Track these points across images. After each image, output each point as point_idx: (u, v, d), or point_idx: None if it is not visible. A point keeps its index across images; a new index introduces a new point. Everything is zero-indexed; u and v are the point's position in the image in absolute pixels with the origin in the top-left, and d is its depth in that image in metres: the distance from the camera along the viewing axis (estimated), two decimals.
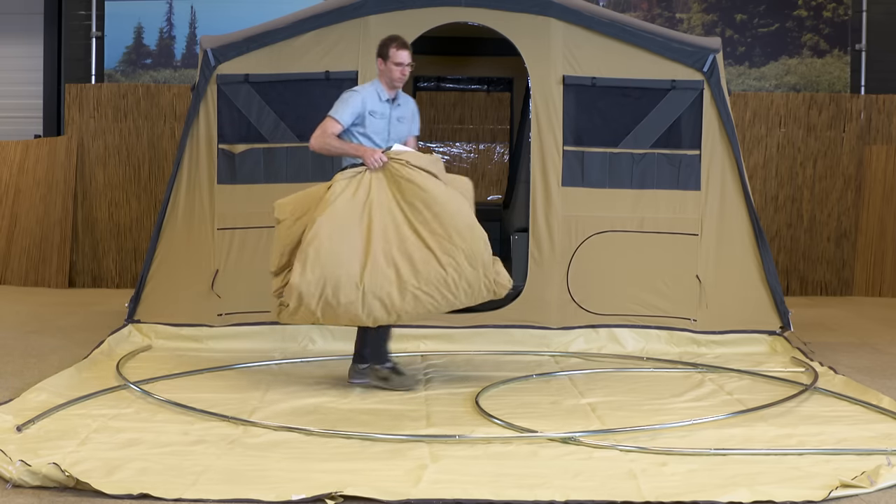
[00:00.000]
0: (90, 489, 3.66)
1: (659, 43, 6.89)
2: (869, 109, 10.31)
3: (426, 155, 5.55)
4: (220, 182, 6.88)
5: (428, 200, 5.34)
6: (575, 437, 4.50)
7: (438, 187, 5.40)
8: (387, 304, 5.30)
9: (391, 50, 5.55)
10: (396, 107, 5.70)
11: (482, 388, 5.56)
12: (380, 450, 4.33)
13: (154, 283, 6.97)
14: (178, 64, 10.70)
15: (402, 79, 5.62)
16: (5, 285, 10.28)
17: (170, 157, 10.09)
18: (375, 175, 5.42)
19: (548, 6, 6.81)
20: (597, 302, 6.87)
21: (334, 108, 5.58)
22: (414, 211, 5.35)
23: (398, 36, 5.66)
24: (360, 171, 5.44)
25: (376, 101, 5.62)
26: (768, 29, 10.59)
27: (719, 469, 4.05)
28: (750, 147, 10.21)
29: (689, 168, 6.89)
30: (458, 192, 5.56)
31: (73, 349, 6.63)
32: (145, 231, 10.15)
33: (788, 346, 6.74)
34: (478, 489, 3.74)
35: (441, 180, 5.45)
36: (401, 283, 5.28)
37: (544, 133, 6.83)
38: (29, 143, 10.51)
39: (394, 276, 5.28)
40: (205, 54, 6.89)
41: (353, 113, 5.55)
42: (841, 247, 10.30)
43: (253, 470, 3.99)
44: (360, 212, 5.35)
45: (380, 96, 5.63)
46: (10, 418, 4.64)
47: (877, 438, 4.58)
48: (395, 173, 5.40)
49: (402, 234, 5.34)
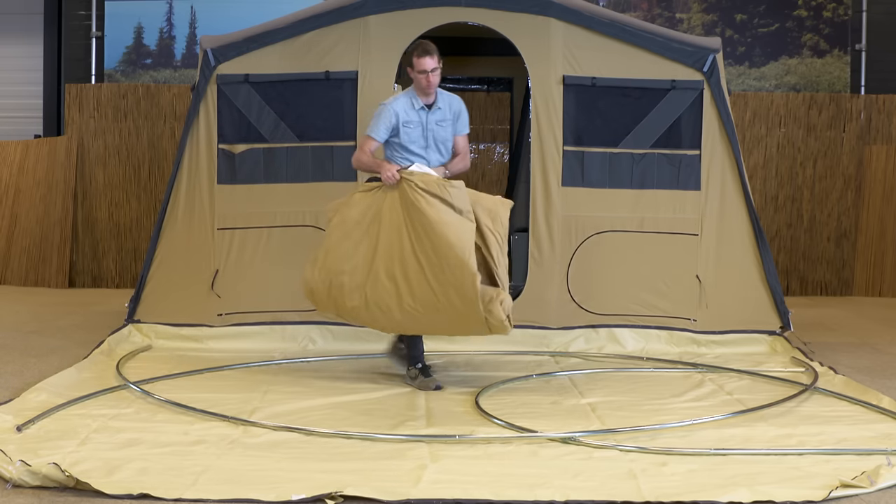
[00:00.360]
0: (90, 489, 3.66)
1: (659, 43, 6.89)
2: (869, 109, 10.31)
3: (439, 179, 5.44)
4: (220, 182, 6.88)
5: (427, 227, 5.30)
6: (575, 437, 4.50)
7: (440, 215, 5.29)
8: (388, 316, 5.40)
9: (413, 59, 5.56)
10: (435, 111, 5.69)
11: (482, 388, 5.57)
12: (380, 450, 4.33)
13: (154, 283, 6.96)
14: (178, 64, 10.70)
15: (431, 85, 5.59)
16: (5, 285, 10.28)
17: (170, 157, 10.09)
18: (391, 193, 5.44)
19: (548, 6, 6.81)
20: (597, 302, 6.87)
21: (370, 124, 5.66)
22: (416, 235, 5.35)
23: (422, 42, 5.64)
24: (378, 185, 5.53)
25: (410, 111, 5.63)
26: (768, 29, 10.59)
27: (719, 469, 4.05)
28: (750, 147, 10.21)
29: (689, 168, 6.89)
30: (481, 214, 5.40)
31: (73, 349, 6.63)
32: (145, 231, 10.15)
33: (788, 346, 6.75)
34: (478, 489, 3.74)
35: (454, 206, 5.32)
36: (399, 299, 5.34)
37: (544, 133, 6.83)
38: (29, 143, 10.52)
39: (393, 291, 5.35)
40: (205, 54, 6.89)
41: (388, 127, 5.61)
42: (841, 247, 10.30)
43: (253, 470, 3.99)
44: (369, 225, 5.45)
45: (413, 104, 5.64)
46: (10, 418, 4.64)
47: (877, 438, 4.58)
48: (404, 195, 5.40)
49: (405, 255, 5.36)
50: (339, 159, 6.74)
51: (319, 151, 6.80)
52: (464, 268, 5.19)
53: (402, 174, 5.42)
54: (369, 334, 6.71)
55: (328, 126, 6.78)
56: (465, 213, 5.33)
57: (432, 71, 5.56)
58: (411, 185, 5.36)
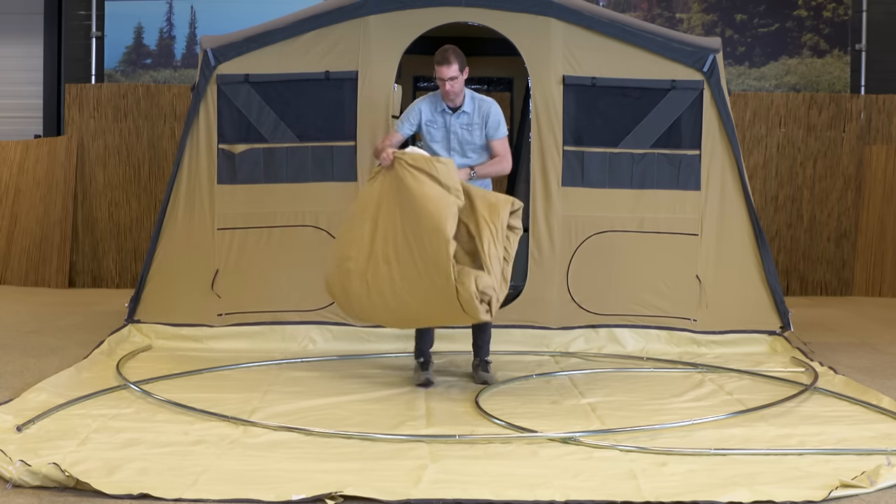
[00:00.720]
0: (90, 489, 3.66)
1: (659, 43, 6.89)
2: (869, 109, 10.31)
3: (428, 156, 5.49)
4: (220, 182, 6.88)
5: (412, 201, 5.33)
6: (575, 437, 4.50)
7: (423, 188, 5.32)
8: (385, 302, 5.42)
9: (435, 67, 5.64)
10: (460, 115, 5.77)
11: (482, 388, 5.57)
12: (380, 450, 4.33)
13: (154, 283, 6.96)
14: (178, 64, 10.70)
15: (450, 92, 5.67)
16: (5, 285, 10.28)
17: (170, 157, 10.10)
18: (388, 176, 5.51)
19: (548, 6, 6.80)
20: (597, 302, 6.87)
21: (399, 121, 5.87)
22: (404, 213, 5.39)
23: (442, 50, 5.66)
24: (378, 169, 5.66)
25: (433, 112, 5.79)
26: (768, 29, 10.60)
27: (719, 469, 4.05)
28: (750, 147, 10.21)
29: (688, 168, 6.89)
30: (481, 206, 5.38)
31: (73, 349, 6.63)
32: (145, 231, 10.16)
33: (788, 346, 6.75)
34: (478, 489, 3.74)
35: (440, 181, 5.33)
36: (392, 283, 5.37)
37: (544, 133, 6.83)
38: (29, 143, 10.52)
39: (387, 275, 5.38)
40: (205, 54, 6.89)
41: (412, 124, 5.84)
42: (841, 247, 10.30)
43: (253, 470, 3.99)
44: (371, 210, 5.53)
45: (436, 106, 5.78)
46: (10, 418, 4.64)
47: (877, 438, 4.58)
48: (395, 175, 5.45)
49: (397, 237, 5.39)
50: (339, 159, 6.75)
51: (319, 151, 6.80)
52: (438, 233, 5.18)
53: (395, 154, 5.49)
54: (369, 334, 6.72)
55: (328, 126, 6.78)
56: (453, 190, 5.34)
57: (450, 79, 5.61)
58: (402, 164, 5.43)
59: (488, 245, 5.29)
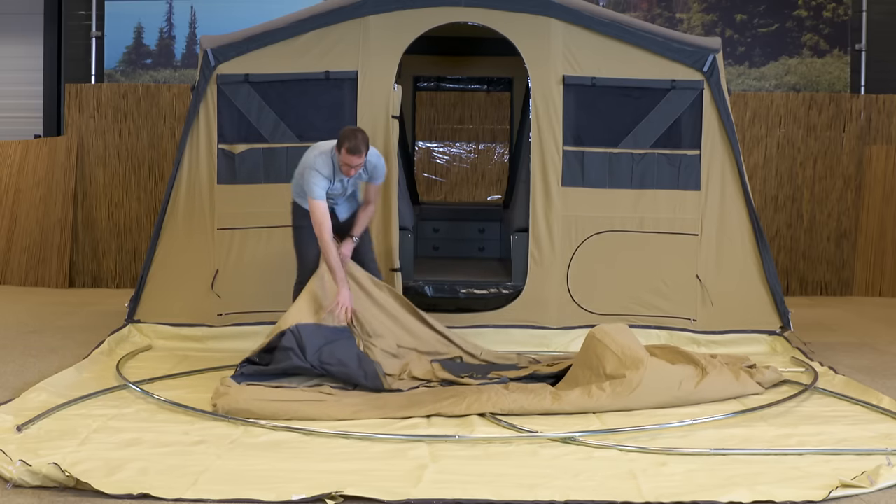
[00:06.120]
0: (90, 489, 3.66)
1: (659, 43, 6.89)
2: (869, 109, 10.31)
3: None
4: (220, 182, 6.88)
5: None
6: (575, 437, 4.50)
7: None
8: None
9: (343, 149, 5.61)
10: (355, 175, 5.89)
11: None
12: (380, 450, 4.34)
13: (154, 283, 6.97)
14: (178, 64, 10.70)
15: (356, 172, 5.73)
16: (5, 285, 10.28)
17: (170, 157, 10.09)
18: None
19: (548, 6, 6.81)
20: (597, 302, 6.87)
21: (309, 187, 5.73)
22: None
23: (352, 137, 5.60)
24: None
25: (333, 181, 5.80)
26: (768, 29, 10.59)
27: (719, 469, 4.05)
28: (750, 147, 10.21)
29: (689, 168, 6.89)
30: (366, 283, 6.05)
31: (73, 349, 6.63)
32: (145, 231, 10.16)
33: (788, 346, 6.75)
34: (478, 489, 3.74)
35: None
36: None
37: (544, 133, 6.83)
38: (29, 143, 10.52)
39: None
40: (205, 54, 6.89)
41: (323, 188, 5.76)
42: (841, 247, 10.30)
43: (253, 470, 3.99)
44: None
45: (335, 176, 5.79)
46: (10, 418, 4.64)
47: (877, 438, 4.58)
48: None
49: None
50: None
51: None
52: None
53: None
54: None
55: (328, 126, 6.77)
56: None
57: (356, 166, 5.68)
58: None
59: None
